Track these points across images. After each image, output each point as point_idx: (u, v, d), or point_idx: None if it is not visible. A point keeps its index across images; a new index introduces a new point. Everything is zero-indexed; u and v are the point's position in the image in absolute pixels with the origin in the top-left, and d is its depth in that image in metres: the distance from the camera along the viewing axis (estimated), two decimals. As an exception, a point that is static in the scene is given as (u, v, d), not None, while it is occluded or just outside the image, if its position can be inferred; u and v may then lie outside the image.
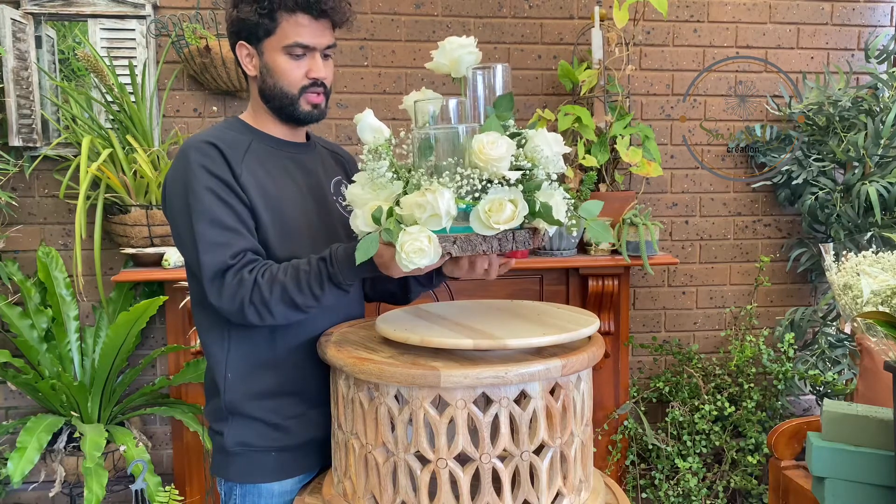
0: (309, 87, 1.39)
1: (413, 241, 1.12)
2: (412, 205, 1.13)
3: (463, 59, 1.26)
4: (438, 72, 1.30)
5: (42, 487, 2.60)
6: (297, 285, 1.26)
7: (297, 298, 1.26)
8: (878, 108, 2.72)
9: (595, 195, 2.62)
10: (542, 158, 1.20)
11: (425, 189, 1.13)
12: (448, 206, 1.12)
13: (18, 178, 2.62)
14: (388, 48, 2.78)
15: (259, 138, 1.41)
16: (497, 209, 1.13)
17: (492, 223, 1.13)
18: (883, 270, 1.55)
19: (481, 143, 1.14)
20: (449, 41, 1.27)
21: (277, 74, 1.38)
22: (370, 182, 1.22)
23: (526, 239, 1.20)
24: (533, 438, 1.17)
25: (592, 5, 2.80)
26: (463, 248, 1.15)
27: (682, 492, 2.63)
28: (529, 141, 1.22)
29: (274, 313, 1.27)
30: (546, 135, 1.22)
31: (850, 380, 2.72)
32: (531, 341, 1.17)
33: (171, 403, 2.53)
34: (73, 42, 3.54)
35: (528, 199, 1.17)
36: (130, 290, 2.66)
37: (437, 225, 1.13)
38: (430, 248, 1.12)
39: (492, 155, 1.13)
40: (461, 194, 1.14)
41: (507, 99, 1.25)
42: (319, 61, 1.39)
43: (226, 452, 1.39)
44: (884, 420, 1.64)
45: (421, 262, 1.12)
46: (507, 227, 1.14)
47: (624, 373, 2.77)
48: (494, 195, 1.14)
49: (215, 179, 1.30)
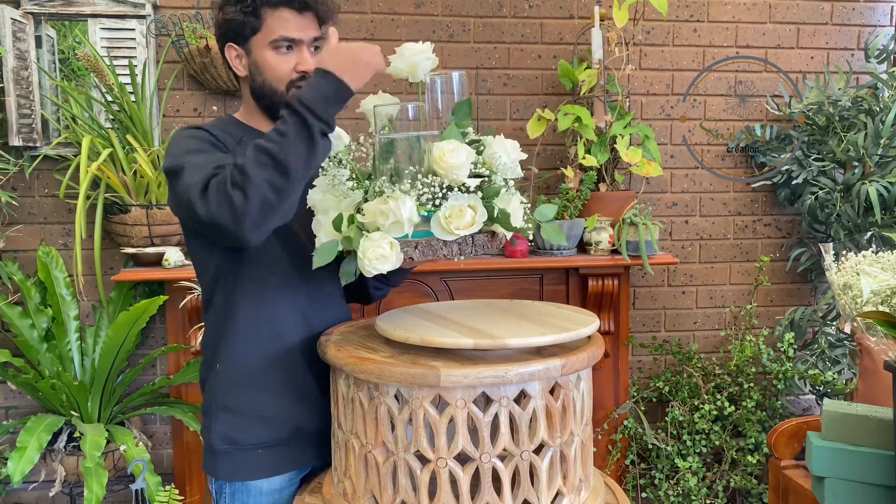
0: (297, 80, 1.39)
1: (375, 247, 1.15)
2: (375, 212, 1.16)
3: (420, 64, 1.28)
4: (396, 76, 1.32)
5: (42, 487, 2.60)
6: (265, 138, 1.18)
7: (270, 149, 1.15)
8: (878, 107, 2.72)
9: (595, 195, 2.63)
10: (500, 165, 1.24)
11: (387, 196, 1.16)
12: (410, 213, 1.15)
13: (18, 178, 2.62)
14: (388, 48, 2.77)
15: (251, 134, 1.42)
16: (457, 215, 1.17)
17: (452, 229, 1.17)
18: (883, 270, 1.55)
19: (442, 150, 1.17)
20: (406, 47, 1.30)
21: (266, 70, 1.38)
22: (331, 188, 1.24)
23: (484, 243, 1.24)
24: (533, 438, 1.17)
25: (592, 5, 2.80)
26: (424, 252, 1.19)
27: (681, 491, 2.63)
28: (487, 147, 1.26)
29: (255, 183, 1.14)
30: (504, 142, 1.26)
31: (850, 379, 2.72)
32: (531, 341, 1.17)
33: (171, 403, 2.53)
34: (74, 42, 3.54)
35: (487, 206, 1.20)
36: (130, 290, 2.66)
37: (400, 232, 1.16)
38: (392, 254, 1.16)
39: (452, 163, 1.17)
40: (422, 201, 1.17)
41: (465, 105, 1.29)
42: (307, 54, 1.39)
43: (213, 450, 1.40)
44: (884, 420, 1.64)
45: (383, 267, 1.15)
46: (467, 232, 1.18)
47: (624, 372, 2.77)
48: (454, 201, 1.18)
49: (205, 143, 1.33)
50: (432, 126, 1.29)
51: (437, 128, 1.28)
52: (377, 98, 1.35)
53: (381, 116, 1.27)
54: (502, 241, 1.28)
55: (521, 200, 1.26)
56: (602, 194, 2.65)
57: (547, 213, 1.29)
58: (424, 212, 1.18)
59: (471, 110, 1.30)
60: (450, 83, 1.30)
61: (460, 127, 1.25)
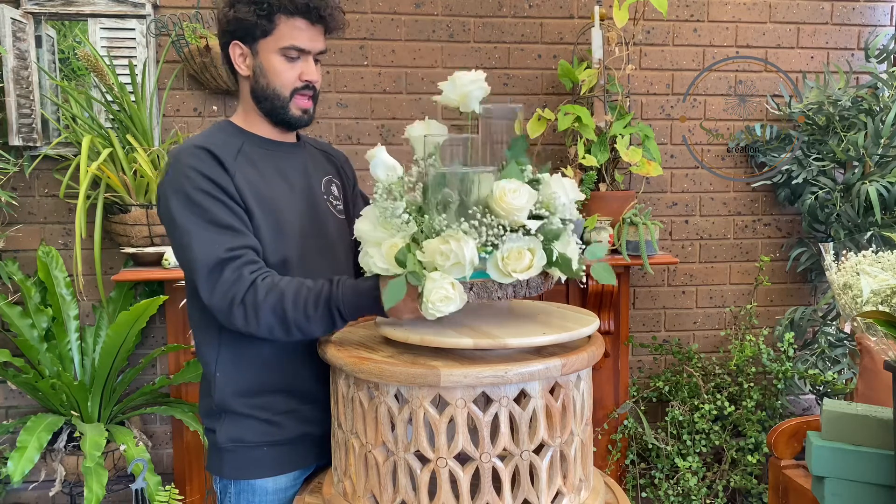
0: (301, 89, 1.41)
1: (438, 289, 1.10)
2: (435, 252, 1.12)
3: (472, 93, 1.25)
4: (447, 105, 1.29)
5: (42, 487, 2.60)
6: (294, 297, 1.23)
7: (288, 311, 1.23)
8: (878, 107, 2.72)
9: (595, 195, 2.63)
10: (558, 205, 1.19)
11: (448, 237, 1.11)
12: (472, 255, 1.10)
13: (18, 178, 2.62)
14: (388, 48, 2.78)
15: (250, 140, 1.42)
16: (515, 258, 1.13)
17: (509, 271, 1.13)
18: (883, 270, 1.55)
19: (503, 190, 1.13)
20: (458, 76, 1.26)
21: (271, 75, 1.39)
22: (382, 220, 1.20)
23: (539, 284, 1.20)
24: (533, 438, 1.17)
25: (592, 5, 2.80)
26: (479, 294, 1.16)
27: (681, 491, 2.64)
28: (545, 186, 1.21)
29: (260, 320, 1.24)
30: (562, 181, 1.21)
31: (850, 379, 2.72)
32: (531, 340, 1.17)
33: (171, 403, 2.53)
34: (73, 41, 3.55)
35: (546, 249, 1.15)
36: (130, 290, 2.66)
37: (460, 273, 1.12)
38: (456, 294, 1.11)
39: (514, 204, 1.13)
40: (482, 242, 1.12)
41: (522, 140, 1.23)
42: (312, 65, 1.41)
43: (219, 449, 1.40)
44: (883, 419, 1.64)
45: (448, 309, 1.11)
46: (524, 276, 1.13)
47: (624, 372, 2.77)
48: (513, 244, 1.13)
49: (209, 181, 1.30)
50: (485, 159, 1.24)
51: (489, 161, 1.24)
52: (424, 125, 1.30)
53: (430, 146, 1.23)
54: (554, 281, 1.23)
55: (577, 241, 1.22)
56: (602, 194, 2.65)
57: (598, 253, 1.23)
58: (483, 252, 1.13)
59: (527, 145, 1.24)
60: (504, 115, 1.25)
61: (519, 164, 1.20)
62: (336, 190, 1.54)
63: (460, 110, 1.29)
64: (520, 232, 1.15)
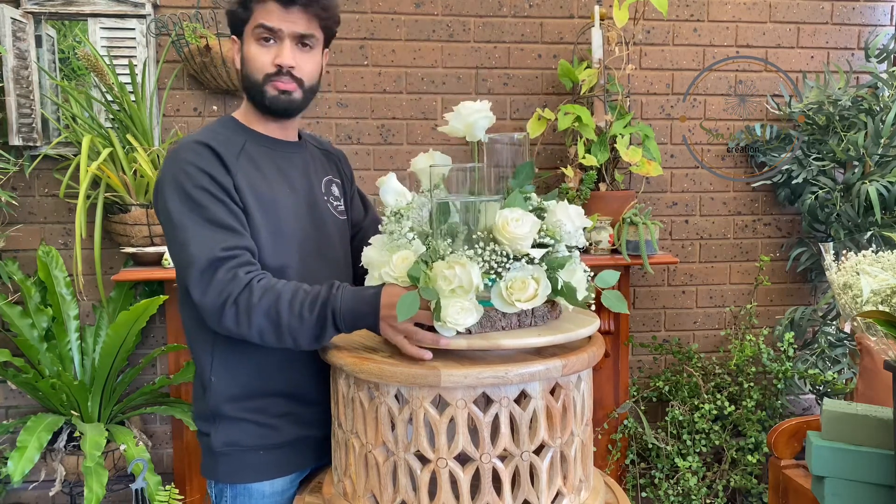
0: (274, 74, 1.36)
1: (455, 302, 1.08)
2: (438, 276, 1.10)
3: (478, 123, 1.25)
4: (453, 136, 1.29)
5: (42, 486, 2.60)
6: (291, 299, 1.21)
7: (283, 314, 1.20)
8: (878, 107, 2.72)
9: (595, 194, 2.63)
10: (563, 234, 1.18)
11: (453, 262, 1.10)
12: (479, 280, 1.09)
13: (18, 178, 2.62)
14: (388, 47, 2.78)
15: (252, 139, 1.40)
16: (520, 288, 1.12)
17: (513, 301, 1.12)
18: (883, 270, 1.55)
19: (505, 219, 1.12)
20: (464, 105, 1.25)
21: (247, 61, 1.38)
22: (390, 244, 1.19)
23: (544, 314, 1.19)
24: (533, 438, 1.17)
25: (592, 4, 2.80)
26: (483, 324, 1.15)
27: (681, 491, 2.64)
28: (550, 214, 1.20)
29: (252, 322, 1.21)
30: (567, 208, 1.20)
31: (850, 379, 2.72)
32: (527, 342, 1.16)
33: (171, 403, 2.53)
34: (74, 41, 3.54)
35: (551, 278, 1.14)
36: (130, 290, 2.66)
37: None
38: (473, 305, 1.09)
39: (517, 233, 1.11)
40: (485, 269, 1.11)
41: (527, 168, 1.22)
42: (287, 48, 1.35)
43: (213, 453, 1.37)
44: (883, 419, 1.64)
45: (467, 321, 1.09)
46: (529, 306, 1.12)
47: (624, 372, 2.77)
48: (517, 273, 1.12)
49: (208, 178, 1.29)
50: (490, 187, 1.23)
51: (494, 191, 1.23)
52: (427, 156, 1.31)
53: (436, 177, 1.23)
54: (562, 311, 1.21)
55: (585, 269, 1.20)
56: (602, 194, 2.65)
57: (609, 280, 1.21)
58: (487, 279, 1.12)
59: (533, 173, 1.23)
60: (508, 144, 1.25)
61: (523, 193, 1.19)
62: (336, 190, 1.53)
63: (466, 139, 1.29)
64: (523, 260, 1.13)
